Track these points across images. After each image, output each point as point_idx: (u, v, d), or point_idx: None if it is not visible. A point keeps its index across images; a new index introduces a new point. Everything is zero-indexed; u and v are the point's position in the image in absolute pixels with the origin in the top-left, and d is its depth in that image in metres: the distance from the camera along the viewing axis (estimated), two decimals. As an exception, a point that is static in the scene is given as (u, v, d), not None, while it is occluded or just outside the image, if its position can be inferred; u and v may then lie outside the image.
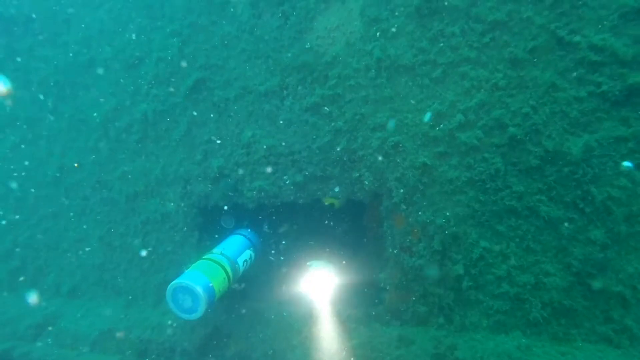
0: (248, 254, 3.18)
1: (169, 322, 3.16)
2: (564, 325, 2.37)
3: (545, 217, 2.40)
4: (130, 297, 3.48)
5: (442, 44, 2.61)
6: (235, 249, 3.10)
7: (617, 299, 2.27)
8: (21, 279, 3.95)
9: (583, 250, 2.34)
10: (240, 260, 3.05)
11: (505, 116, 2.48)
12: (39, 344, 3.41)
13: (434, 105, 2.63)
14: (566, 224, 2.37)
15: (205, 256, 2.91)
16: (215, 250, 3.00)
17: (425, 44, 2.65)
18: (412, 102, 2.68)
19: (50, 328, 3.49)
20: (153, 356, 3.03)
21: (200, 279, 2.66)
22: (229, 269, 2.88)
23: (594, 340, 2.31)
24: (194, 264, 2.81)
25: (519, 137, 2.45)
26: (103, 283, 3.65)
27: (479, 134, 2.53)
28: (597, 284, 2.30)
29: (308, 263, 3.24)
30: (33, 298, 3.77)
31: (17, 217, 4.07)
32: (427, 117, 2.60)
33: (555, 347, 2.32)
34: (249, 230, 3.37)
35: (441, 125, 2.62)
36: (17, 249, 4.08)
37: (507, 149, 2.48)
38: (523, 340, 2.39)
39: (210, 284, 2.67)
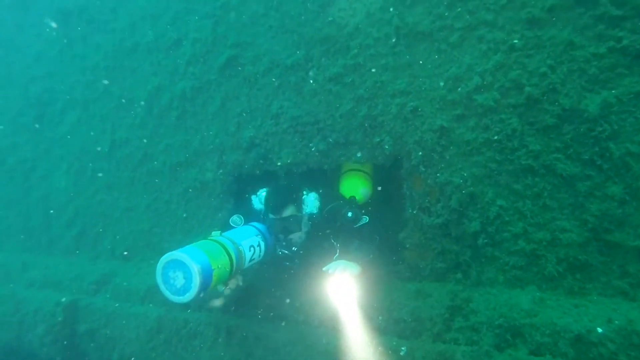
0: (256, 240, 2.81)
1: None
2: (580, 279, 2.42)
3: (562, 174, 2.44)
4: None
5: (459, 9, 2.67)
6: (239, 233, 2.77)
7: (634, 253, 2.29)
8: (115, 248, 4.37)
9: (600, 206, 2.36)
10: (245, 245, 2.67)
11: (522, 76, 2.52)
12: (99, 297, 3.88)
13: (452, 69, 2.71)
14: (583, 181, 2.40)
15: (206, 238, 2.63)
16: (214, 233, 2.69)
17: (442, 10, 2.72)
18: (430, 67, 2.77)
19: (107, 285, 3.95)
20: (195, 308, 3.37)
21: (197, 254, 2.30)
22: (231, 250, 2.52)
23: (609, 294, 2.35)
24: (192, 244, 2.50)
25: (535, 96, 2.49)
26: (151, 246, 4.06)
27: (496, 95, 2.59)
28: (614, 239, 2.33)
29: (324, 268, 2.62)
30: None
31: (76, 189, 4.58)
32: None
33: (569, 300, 2.38)
34: (258, 223, 3.02)
35: (458, 89, 2.70)
36: (78, 218, 4.60)
37: (524, 109, 2.53)
38: (538, 294, 2.47)
39: (207, 261, 2.31)
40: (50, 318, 3.91)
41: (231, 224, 3.01)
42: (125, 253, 4.20)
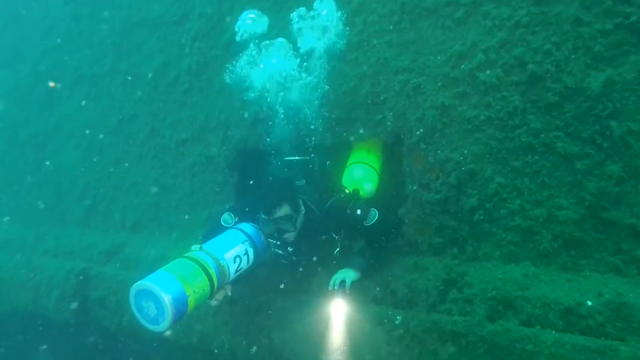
0: (242, 249, 2.53)
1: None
2: (574, 256, 2.46)
3: (561, 152, 2.46)
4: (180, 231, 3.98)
5: (465, -16, 2.64)
6: (222, 243, 2.50)
7: (629, 230, 2.32)
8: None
9: (598, 184, 2.38)
10: (229, 258, 2.43)
11: (526, 54, 2.51)
12: (109, 266, 4.03)
13: (455, 46, 2.70)
14: (582, 159, 2.41)
15: (184, 255, 2.36)
16: (194, 247, 2.44)
17: (448, -15, 2.69)
18: (434, 44, 2.77)
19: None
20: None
21: (168, 281, 2.09)
22: (211, 268, 2.30)
23: (602, 271, 2.39)
24: (167, 264, 2.25)
25: (539, 74, 2.48)
26: (158, 219, 4.18)
27: (499, 72, 2.58)
28: (609, 217, 2.35)
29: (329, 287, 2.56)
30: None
31: (86, 163, 4.69)
32: None
33: (562, 275, 2.43)
34: (248, 224, 2.74)
35: (462, 66, 2.69)
36: (89, 191, 4.73)
37: (527, 86, 2.53)
38: (532, 269, 2.52)
39: (181, 288, 2.10)
40: (64, 285, 4.09)
41: (222, 223, 2.80)
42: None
